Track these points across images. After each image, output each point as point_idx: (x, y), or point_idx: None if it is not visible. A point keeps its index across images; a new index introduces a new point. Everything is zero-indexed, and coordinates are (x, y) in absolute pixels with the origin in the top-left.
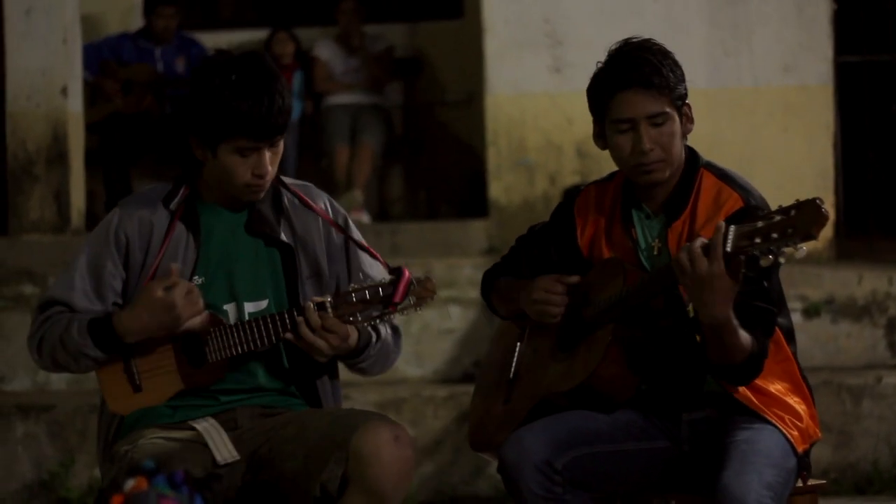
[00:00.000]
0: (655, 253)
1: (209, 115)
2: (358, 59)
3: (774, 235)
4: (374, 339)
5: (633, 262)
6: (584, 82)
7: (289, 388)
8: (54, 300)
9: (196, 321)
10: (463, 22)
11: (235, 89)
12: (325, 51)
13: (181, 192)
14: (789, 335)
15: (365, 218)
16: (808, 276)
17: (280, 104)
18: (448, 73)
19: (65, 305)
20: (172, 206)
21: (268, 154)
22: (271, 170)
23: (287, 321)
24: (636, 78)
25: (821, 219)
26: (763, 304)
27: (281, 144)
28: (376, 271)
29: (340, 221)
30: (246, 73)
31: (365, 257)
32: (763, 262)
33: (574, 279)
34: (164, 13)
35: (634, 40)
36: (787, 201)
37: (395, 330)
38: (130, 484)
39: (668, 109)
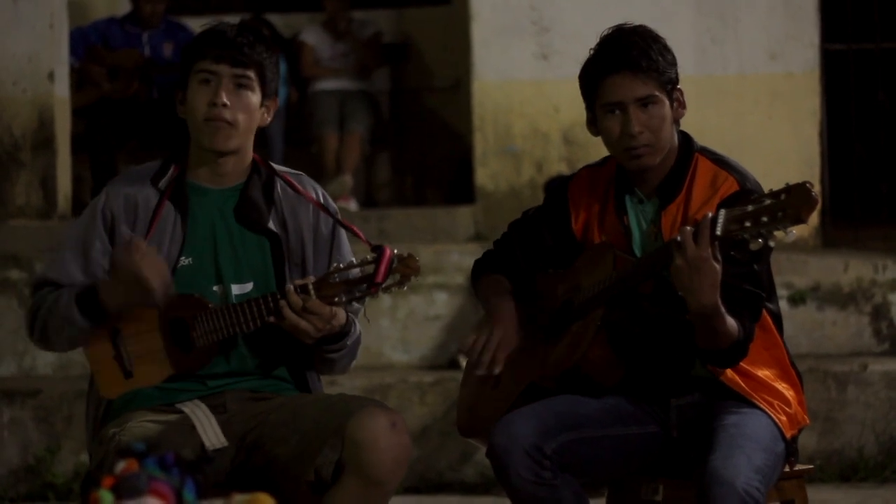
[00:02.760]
0: (651, 238)
1: (185, 49)
2: (345, 44)
3: (764, 219)
4: (353, 327)
5: (623, 248)
6: (571, 69)
7: (277, 373)
8: (46, 280)
9: (166, 283)
10: (450, 8)
11: (215, 25)
12: (313, 36)
13: (170, 171)
14: (778, 321)
15: (353, 206)
16: (793, 264)
17: (247, 36)
18: (435, 59)
19: (56, 285)
20: (161, 185)
21: (227, 88)
22: (231, 107)
23: (271, 304)
24: (624, 61)
25: (811, 202)
26: (751, 287)
27: (247, 94)
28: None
29: (331, 210)
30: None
31: (347, 252)
32: (753, 246)
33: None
34: None
35: (627, 26)
36: (774, 188)
37: (358, 333)
38: (121, 466)
39: (656, 92)
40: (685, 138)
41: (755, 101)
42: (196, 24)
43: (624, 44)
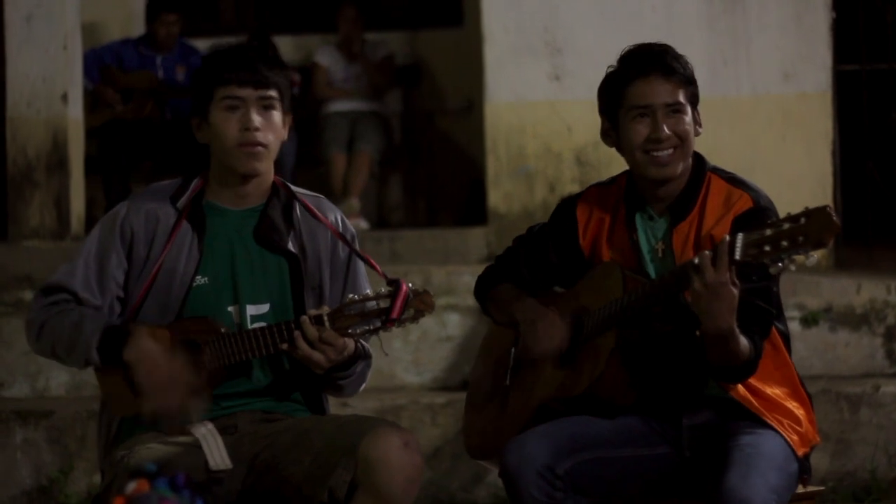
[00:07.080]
0: (660, 255)
1: (200, 76)
2: (358, 66)
3: (784, 244)
4: (363, 353)
5: (632, 265)
6: (584, 90)
7: (291, 396)
8: (59, 286)
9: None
10: (463, 30)
11: (224, 48)
12: (326, 58)
13: (189, 190)
14: (787, 340)
15: (363, 224)
16: (806, 285)
17: (265, 56)
18: (448, 80)
19: (69, 293)
20: (180, 204)
21: (256, 111)
22: (262, 129)
23: (284, 333)
24: (656, 65)
25: (832, 226)
26: (763, 304)
27: (274, 114)
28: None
29: (348, 237)
30: (237, 42)
31: (363, 278)
32: (772, 270)
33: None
34: (166, 20)
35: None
36: (786, 209)
37: (369, 357)
38: (132, 486)
39: (683, 101)
40: (697, 157)
41: (768, 122)
42: (207, 47)
43: (654, 51)
